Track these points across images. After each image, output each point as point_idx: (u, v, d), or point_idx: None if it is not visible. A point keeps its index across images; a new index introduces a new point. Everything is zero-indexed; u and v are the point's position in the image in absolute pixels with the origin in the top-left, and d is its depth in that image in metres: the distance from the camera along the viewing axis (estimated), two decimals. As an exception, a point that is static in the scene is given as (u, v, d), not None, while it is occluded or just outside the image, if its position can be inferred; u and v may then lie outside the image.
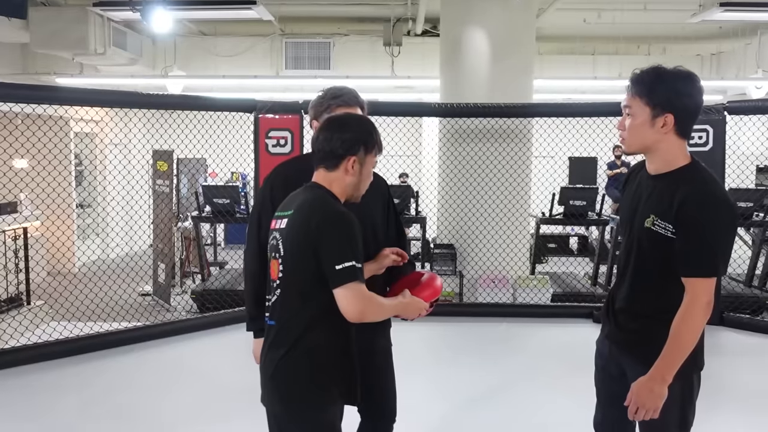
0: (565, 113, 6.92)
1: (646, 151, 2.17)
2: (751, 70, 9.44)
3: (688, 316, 2.06)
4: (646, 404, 2.07)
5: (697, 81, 2.14)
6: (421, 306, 2.24)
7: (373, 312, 2.05)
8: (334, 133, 2.10)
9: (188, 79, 9.61)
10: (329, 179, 2.11)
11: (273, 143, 6.13)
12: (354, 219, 2.02)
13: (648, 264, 2.19)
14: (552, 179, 7.99)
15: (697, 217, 2.02)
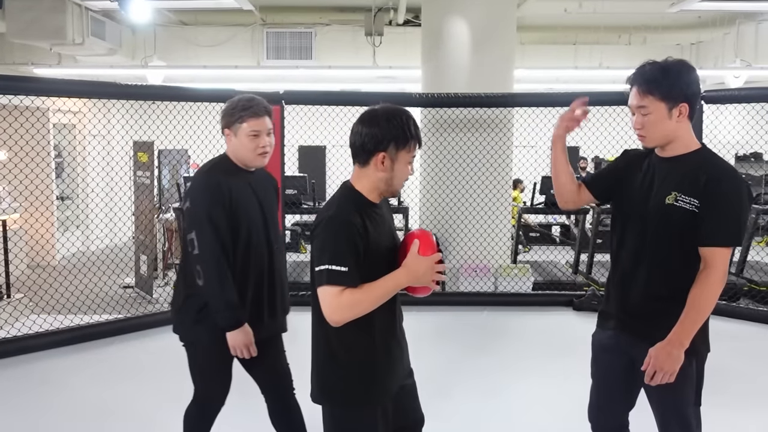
0: (546, 103, 6.95)
1: (667, 141, 2.27)
2: (729, 60, 9.53)
3: (707, 284, 2.17)
4: (664, 367, 2.17)
5: (692, 66, 2.28)
6: (421, 265, 2.01)
7: (346, 309, 1.97)
8: (363, 127, 2.07)
9: (168, 70, 9.53)
10: (359, 175, 2.11)
11: (254, 134, 6.10)
12: (345, 224, 1.99)
13: (666, 243, 2.26)
14: (533, 169, 8.04)
15: (725, 191, 2.16)
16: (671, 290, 2.26)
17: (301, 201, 7.99)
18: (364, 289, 1.99)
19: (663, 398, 2.30)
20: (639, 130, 2.28)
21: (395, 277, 2.03)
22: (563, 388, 4.28)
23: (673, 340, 2.17)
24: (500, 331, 5.81)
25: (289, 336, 3.06)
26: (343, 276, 1.95)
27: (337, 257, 1.96)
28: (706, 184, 2.17)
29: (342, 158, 8.91)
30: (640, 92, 2.24)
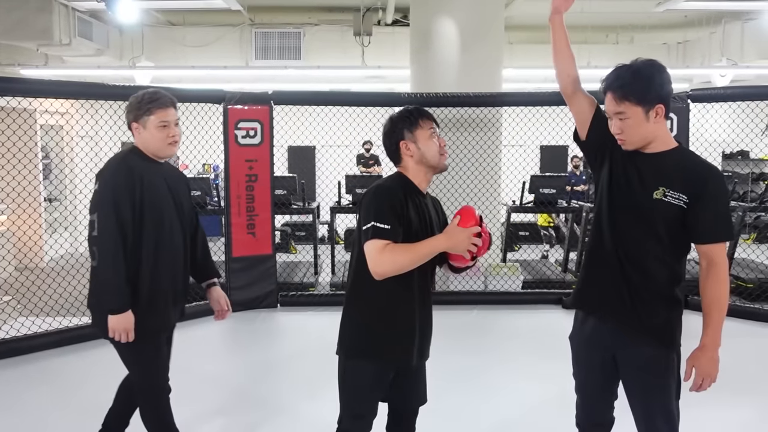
0: (535, 102, 6.98)
1: (648, 142, 2.29)
2: (715, 59, 9.61)
3: (719, 281, 2.23)
4: (711, 373, 2.25)
5: (663, 65, 2.31)
6: (459, 234, 2.25)
7: (388, 262, 2.22)
8: (383, 138, 2.45)
9: (156, 70, 9.49)
10: (403, 171, 2.43)
11: (242, 134, 6.10)
12: (389, 192, 2.31)
13: (652, 236, 2.28)
14: (522, 168, 8.07)
15: (715, 188, 2.22)
16: (653, 282, 2.31)
17: (291, 201, 7.98)
18: (404, 246, 2.25)
19: (649, 395, 2.32)
20: (619, 135, 2.30)
21: (433, 240, 2.28)
22: (553, 386, 4.30)
23: (708, 344, 2.24)
24: (490, 330, 5.83)
25: (281, 334, 3.05)
26: (386, 232, 2.23)
27: (380, 216, 2.24)
28: (696, 183, 2.21)
29: (331, 158, 8.91)
30: (616, 99, 2.26)
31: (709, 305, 2.23)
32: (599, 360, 2.45)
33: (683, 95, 6.11)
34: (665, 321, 2.31)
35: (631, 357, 2.34)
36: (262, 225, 6.26)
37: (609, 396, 2.53)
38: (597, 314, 2.44)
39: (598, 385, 2.50)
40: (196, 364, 4.89)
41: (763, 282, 6.93)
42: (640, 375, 2.31)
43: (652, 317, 2.30)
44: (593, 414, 2.57)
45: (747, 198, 8.63)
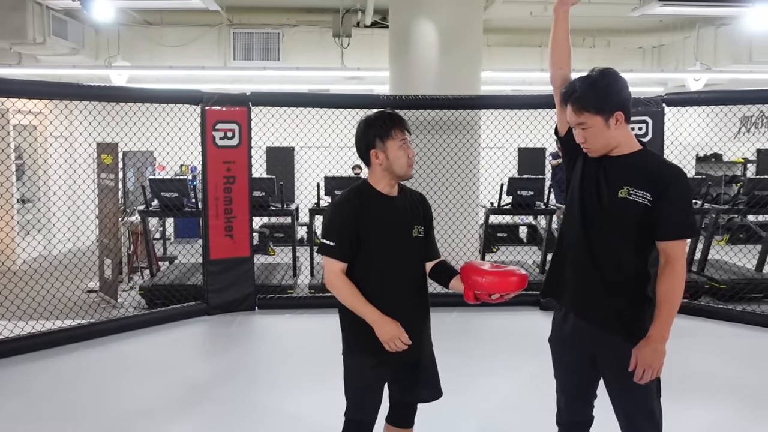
0: (513, 105, 7.02)
1: (612, 147, 2.37)
2: (689, 63, 9.75)
3: (674, 276, 2.28)
4: (652, 364, 2.27)
5: (618, 73, 2.38)
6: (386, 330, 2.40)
7: (334, 288, 2.47)
8: (356, 140, 2.53)
9: (133, 70, 9.38)
10: (369, 173, 2.55)
11: (220, 136, 6.05)
12: (342, 208, 2.46)
13: (618, 235, 2.35)
14: (500, 170, 8.11)
15: (677, 187, 2.30)
16: (623, 279, 2.37)
17: (269, 203, 7.94)
18: (350, 290, 2.43)
19: (630, 392, 2.36)
20: (584, 144, 2.39)
21: (370, 312, 2.42)
22: (532, 386, 4.33)
23: (655, 336, 2.28)
24: (469, 332, 5.85)
25: (259, 337, 3.03)
26: (330, 249, 2.44)
27: (328, 233, 2.46)
28: (658, 182, 2.29)
29: (310, 159, 8.88)
30: (575, 110, 2.34)
31: (661, 299, 2.29)
32: (579, 360, 2.49)
33: (658, 99, 6.19)
34: (638, 318, 2.35)
35: (610, 356, 2.38)
36: (240, 227, 6.21)
37: (589, 395, 2.57)
38: (571, 309, 2.48)
39: (579, 384, 2.55)
40: (173, 368, 4.84)
41: (735, 283, 7.05)
42: (619, 374, 2.34)
43: (624, 314, 2.36)
44: (574, 413, 2.61)
45: (720, 200, 8.75)
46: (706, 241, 7.89)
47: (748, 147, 12.95)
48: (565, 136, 2.55)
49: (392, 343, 2.40)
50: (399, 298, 2.49)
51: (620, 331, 2.36)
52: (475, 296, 2.44)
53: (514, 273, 2.41)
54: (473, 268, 2.45)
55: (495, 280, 2.40)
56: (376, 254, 2.45)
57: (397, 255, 2.48)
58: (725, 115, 6.61)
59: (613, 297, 2.37)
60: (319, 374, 4.58)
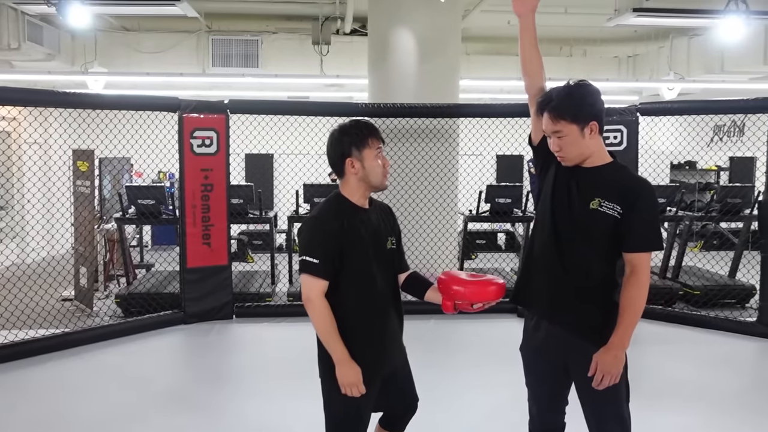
0: (490, 114, 7.08)
1: (585, 157, 2.42)
2: (663, 72, 9.90)
3: (638, 286, 2.34)
4: (611, 371, 2.31)
5: (594, 86, 2.45)
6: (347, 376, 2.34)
7: (312, 309, 2.37)
8: (329, 148, 2.48)
9: (110, 76, 9.30)
10: (343, 184, 2.48)
11: (198, 143, 6.03)
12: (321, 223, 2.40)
13: (588, 245, 2.40)
14: (478, 177, 8.17)
15: (645, 201, 2.37)
16: (592, 287, 2.42)
17: (248, 210, 7.90)
18: (327, 320, 2.35)
19: (600, 398, 2.40)
20: (558, 152, 2.44)
21: (338, 350, 2.35)
22: (507, 393, 4.35)
23: (615, 343, 2.33)
24: (447, 339, 5.87)
25: (237, 346, 3.02)
26: (313, 266, 2.35)
27: (310, 250, 2.37)
28: (628, 195, 2.35)
29: (289, 167, 8.86)
30: (552, 118, 2.39)
31: (624, 307, 2.35)
32: (552, 368, 2.52)
33: (632, 108, 6.28)
34: (607, 324, 2.39)
35: (581, 362, 2.41)
36: (218, 235, 6.18)
37: (561, 402, 2.61)
38: (543, 316, 2.52)
39: (552, 393, 2.58)
40: (149, 378, 4.79)
41: (709, 289, 7.16)
42: (590, 379, 2.38)
43: (595, 320, 2.41)
44: (546, 421, 2.64)
45: (694, 207, 8.89)
46: (680, 248, 8.01)
47: (720, 156, 13.18)
48: (539, 145, 2.59)
49: (349, 389, 2.36)
50: (382, 310, 2.49)
51: (591, 336, 2.40)
52: (455, 306, 2.44)
53: (493, 282, 2.43)
54: (452, 278, 2.46)
55: (476, 289, 2.42)
56: (358, 268, 2.41)
57: (377, 267, 2.46)
58: (698, 124, 6.72)
59: (582, 303, 2.42)
60: (297, 383, 4.56)
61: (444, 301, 2.46)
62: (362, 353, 2.39)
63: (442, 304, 2.48)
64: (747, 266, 7.05)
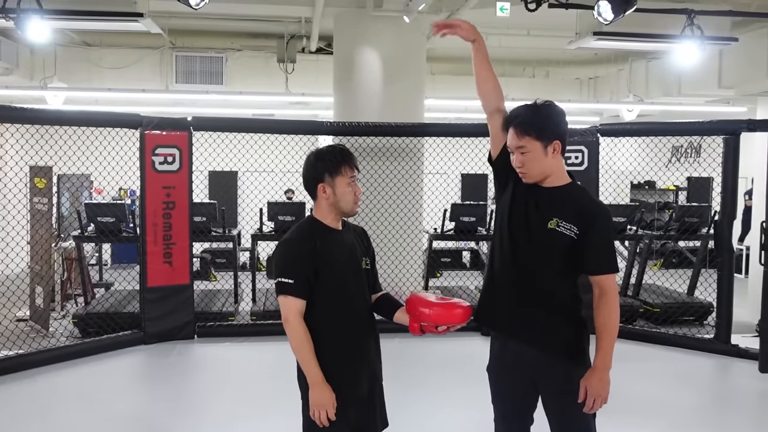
0: (455, 133, 7.15)
1: (546, 176, 2.46)
2: (623, 94, 10.15)
3: (611, 308, 2.40)
4: (600, 393, 2.36)
5: (560, 107, 2.50)
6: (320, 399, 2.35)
7: (289, 329, 2.39)
8: (304, 171, 2.52)
9: (70, 92, 9.13)
10: (315, 207, 2.53)
11: (160, 161, 5.94)
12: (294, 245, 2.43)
13: (547, 263, 2.44)
14: (443, 196, 8.22)
15: (603, 224, 2.44)
16: (556, 306, 2.46)
17: (210, 228, 7.80)
18: (304, 341, 2.37)
19: (567, 414, 2.44)
20: (520, 168, 2.47)
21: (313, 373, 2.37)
22: (474, 412, 4.34)
23: (599, 365, 2.38)
24: (411, 358, 5.84)
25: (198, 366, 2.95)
26: (288, 286, 2.38)
27: (285, 271, 2.40)
28: (586, 217, 2.41)
29: (253, 184, 8.80)
30: (517, 133, 2.43)
31: (600, 330, 2.40)
32: (518, 387, 2.54)
33: (593, 129, 6.41)
34: (572, 340, 2.43)
35: (549, 377, 2.44)
36: (180, 254, 6.08)
37: (528, 420, 2.62)
38: (509, 335, 2.54)
39: (519, 411, 2.59)
40: (108, 401, 4.66)
41: (668, 307, 7.30)
42: (557, 396, 2.42)
43: (561, 335, 2.44)
44: None
45: (654, 226, 9.08)
46: (640, 266, 8.16)
47: (678, 176, 13.52)
48: (497, 161, 2.63)
49: (318, 411, 2.35)
50: (359, 330, 2.52)
51: (558, 352, 2.43)
52: (421, 328, 2.45)
53: (460, 305, 2.45)
54: (419, 300, 2.47)
55: (441, 312, 2.44)
56: (333, 288, 2.44)
57: (353, 288, 2.49)
58: (656, 146, 6.89)
59: (547, 321, 2.45)
60: (261, 404, 4.49)
61: (411, 323, 2.47)
62: (340, 373, 2.41)
63: (409, 326, 2.48)
64: (704, 284, 7.22)
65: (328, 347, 2.41)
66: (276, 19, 8.58)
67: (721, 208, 6.04)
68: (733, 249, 6.09)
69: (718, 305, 6.07)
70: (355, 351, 2.48)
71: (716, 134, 6.18)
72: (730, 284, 5.95)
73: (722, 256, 6.00)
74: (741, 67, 7.79)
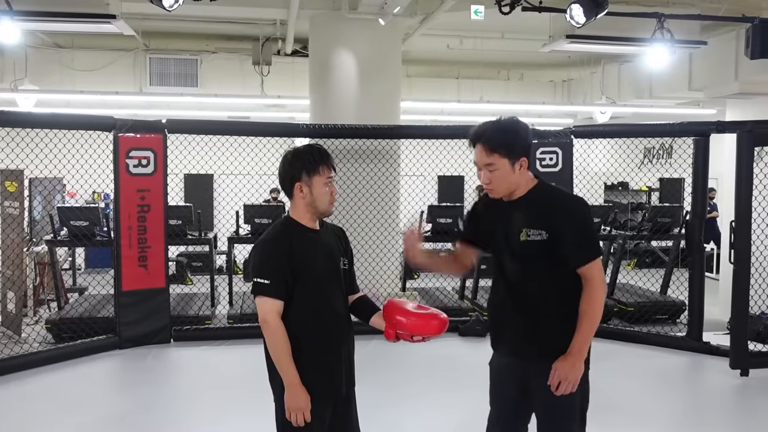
0: (431, 135, 7.18)
1: (512, 190, 2.51)
2: (596, 97, 10.29)
3: (594, 296, 2.42)
4: (568, 377, 2.37)
5: (525, 123, 2.55)
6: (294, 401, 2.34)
7: (267, 331, 2.38)
8: (281, 168, 2.51)
9: (42, 94, 9.00)
10: (292, 206, 2.53)
11: (134, 163, 5.89)
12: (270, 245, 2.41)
13: (531, 273, 2.49)
14: (420, 197, 8.25)
15: (568, 217, 2.46)
16: (545, 312, 2.49)
17: (186, 231, 7.74)
18: (281, 342, 2.35)
19: (551, 415, 2.49)
20: (487, 185, 2.53)
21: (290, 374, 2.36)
22: (454, 414, 4.38)
23: (573, 351, 2.41)
24: (389, 360, 5.85)
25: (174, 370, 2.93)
26: (265, 287, 2.37)
27: (261, 272, 2.38)
28: (552, 217, 2.45)
29: (229, 187, 8.75)
30: (485, 151, 2.48)
31: (581, 315, 2.44)
32: (515, 388, 2.59)
33: (567, 131, 6.49)
34: (565, 342, 2.45)
35: (541, 381, 2.46)
36: (155, 257, 6.03)
37: (521, 422, 2.67)
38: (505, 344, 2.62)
39: (513, 411, 2.63)
40: (82, 406, 4.60)
41: (642, 305, 7.41)
42: (547, 397, 2.44)
43: (556, 342, 2.46)
44: None
45: (627, 227, 9.21)
46: (614, 266, 8.27)
47: (650, 177, 13.73)
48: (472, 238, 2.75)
49: (295, 414, 2.35)
50: (336, 330, 2.51)
51: (551, 356, 2.45)
52: (396, 335, 2.46)
53: (437, 317, 2.47)
54: (397, 308, 2.48)
55: (418, 322, 2.45)
56: (310, 288, 2.42)
57: (330, 288, 2.49)
58: (629, 147, 7.00)
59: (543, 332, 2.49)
60: (238, 408, 4.47)
61: (386, 329, 2.49)
62: (316, 375, 2.40)
63: (384, 331, 2.50)
64: (677, 283, 7.35)
65: (305, 349, 2.40)
66: (251, 21, 8.54)
67: (692, 208, 6.16)
68: (704, 248, 6.21)
69: (690, 303, 6.19)
70: (332, 353, 2.48)
71: (687, 136, 6.31)
72: (701, 283, 6.07)
73: (693, 255, 6.11)
74: (710, 70, 7.95)
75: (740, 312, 5.34)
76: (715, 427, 4.49)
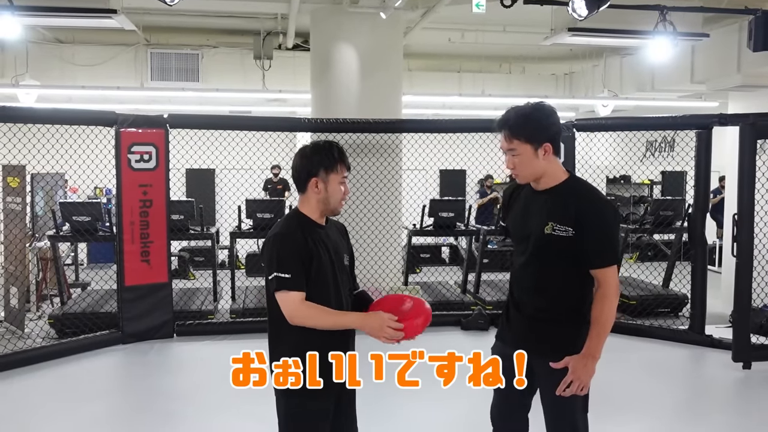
0: (433, 128, 7.17)
1: (538, 177, 2.52)
2: (598, 90, 10.26)
3: (607, 300, 2.45)
4: (581, 377, 2.40)
5: (552, 108, 2.53)
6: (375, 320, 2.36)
7: (302, 317, 2.35)
8: (297, 161, 2.48)
9: (43, 89, 9.00)
10: (302, 201, 2.50)
11: (136, 158, 5.89)
12: (286, 238, 2.37)
13: (548, 267, 2.50)
14: (422, 192, 8.24)
15: (596, 218, 2.44)
16: (558, 308, 2.52)
17: (188, 226, 7.75)
18: (321, 310, 2.36)
19: (556, 404, 2.50)
20: (512, 170, 2.55)
21: (352, 317, 2.42)
22: (456, 408, 4.38)
23: (587, 354, 2.43)
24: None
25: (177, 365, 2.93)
26: (287, 281, 2.33)
27: (280, 265, 2.34)
28: (579, 214, 2.43)
29: (231, 182, 8.75)
30: (507, 137, 2.50)
31: (594, 320, 2.45)
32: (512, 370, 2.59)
33: (569, 124, 6.47)
34: (575, 338, 2.47)
35: (546, 368, 2.48)
36: (157, 252, 6.04)
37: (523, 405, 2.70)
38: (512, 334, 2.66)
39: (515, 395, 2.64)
40: (86, 401, 4.62)
41: (644, 299, 7.40)
42: (550, 385, 2.47)
43: (562, 335, 2.50)
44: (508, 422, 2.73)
45: (629, 220, 9.20)
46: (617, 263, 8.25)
47: (652, 170, 13.71)
48: None
49: (386, 332, 2.36)
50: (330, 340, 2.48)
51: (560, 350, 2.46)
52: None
53: (419, 313, 2.47)
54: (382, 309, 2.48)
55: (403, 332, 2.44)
56: (320, 282, 2.42)
57: (335, 283, 2.48)
58: (631, 140, 6.98)
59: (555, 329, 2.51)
60: (242, 403, 4.48)
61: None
62: (323, 367, 2.40)
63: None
64: (679, 276, 7.34)
65: (311, 343, 2.41)
66: (252, 15, 8.53)
67: (694, 201, 6.14)
68: (706, 242, 6.19)
69: (692, 297, 6.19)
70: (338, 347, 2.48)
71: (689, 128, 6.29)
72: (704, 276, 6.07)
73: (695, 248, 6.11)
74: (712, 63, 7.92)
75: (743, 305, 5.34)
76: (718, 419, 4.49)
